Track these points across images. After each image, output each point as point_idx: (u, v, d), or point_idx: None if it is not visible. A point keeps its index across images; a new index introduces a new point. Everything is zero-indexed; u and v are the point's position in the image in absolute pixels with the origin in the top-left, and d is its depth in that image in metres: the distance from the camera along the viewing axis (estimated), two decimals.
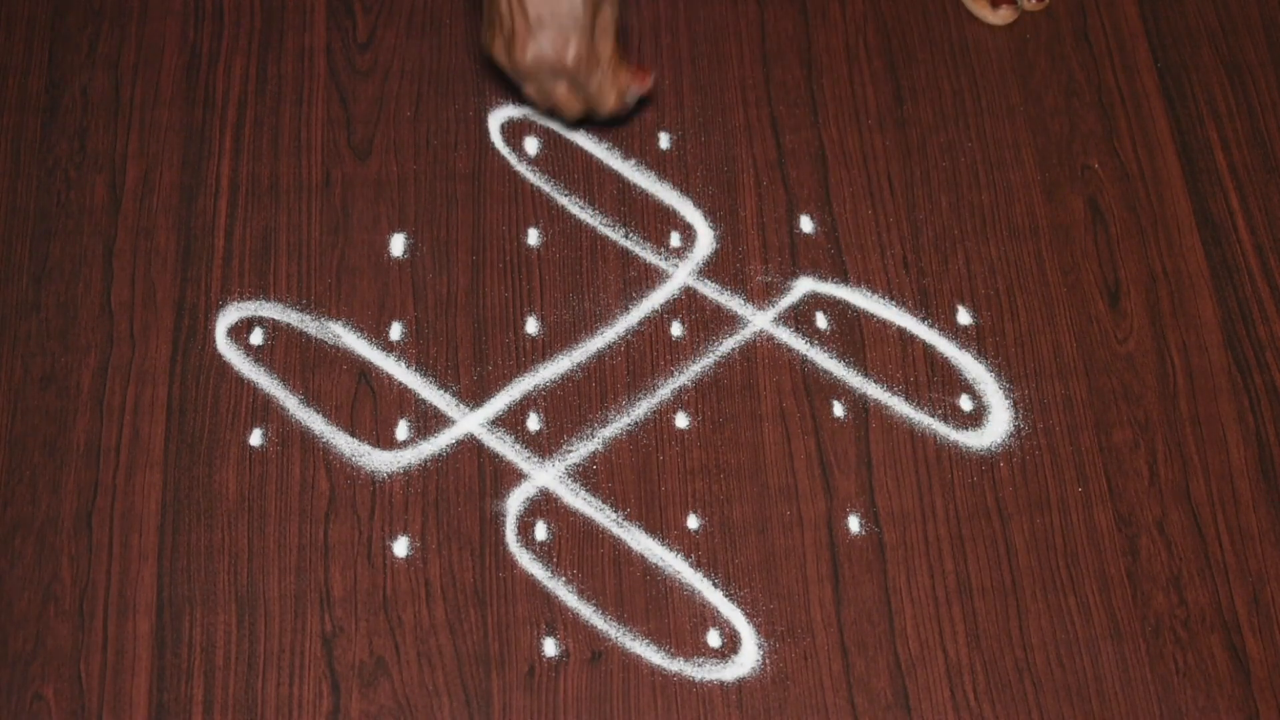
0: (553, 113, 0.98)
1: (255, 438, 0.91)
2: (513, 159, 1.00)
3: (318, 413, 0.92)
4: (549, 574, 0.88)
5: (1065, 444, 0.92)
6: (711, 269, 0.97)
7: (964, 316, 0.96)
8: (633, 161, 1.00)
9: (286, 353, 0.93)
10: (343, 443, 0.91)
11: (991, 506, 0.90)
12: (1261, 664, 0.86)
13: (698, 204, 0.99)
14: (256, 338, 0.94)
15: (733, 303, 0.96)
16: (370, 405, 0.92)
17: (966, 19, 1.06)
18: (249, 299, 0.95)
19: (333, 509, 0.89)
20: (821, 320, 0.95)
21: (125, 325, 0.94)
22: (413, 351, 0.94)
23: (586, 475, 0.90)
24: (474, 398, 0.93)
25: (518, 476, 0.90)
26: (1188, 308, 0.96)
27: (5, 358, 0.93)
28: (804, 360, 0.94)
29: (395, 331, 0.94)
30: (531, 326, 0.95)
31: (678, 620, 0.87)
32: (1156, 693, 0.85)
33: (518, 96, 1.01)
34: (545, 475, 0.90)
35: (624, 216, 0.98)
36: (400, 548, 0.88)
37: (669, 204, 0.99)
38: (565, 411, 0.92)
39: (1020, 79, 1.04)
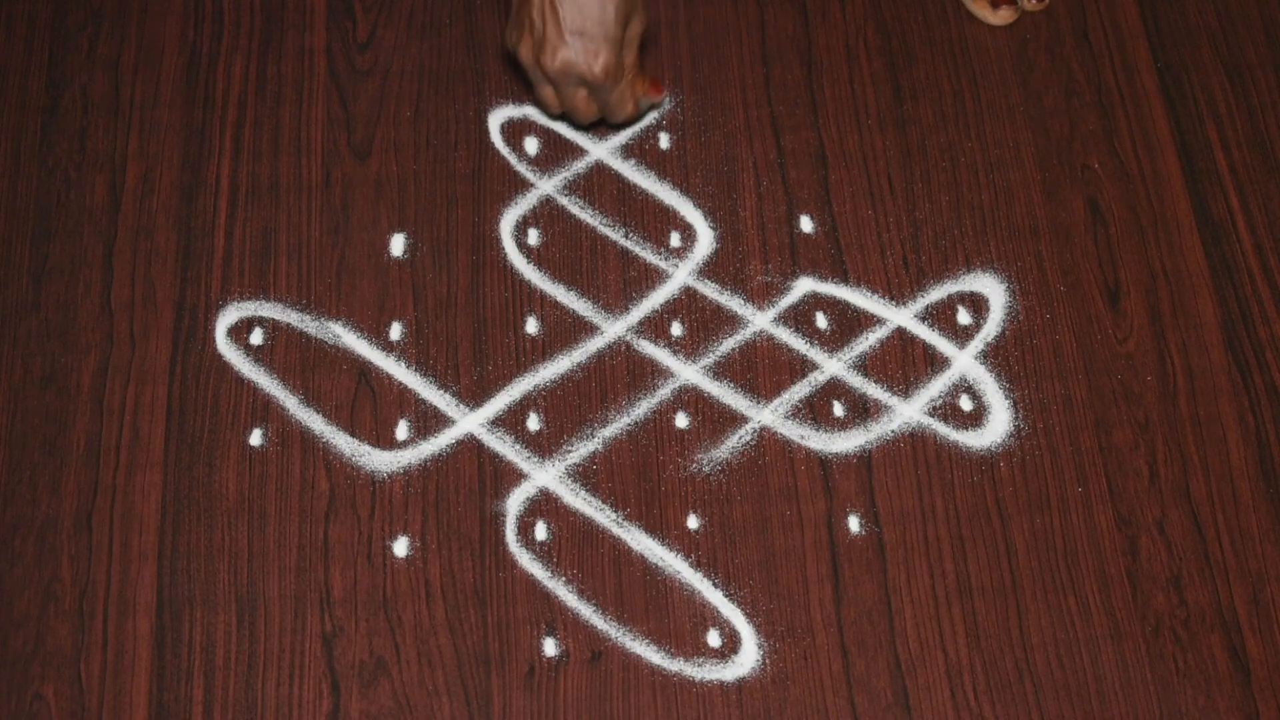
0: (564, 116, 0.98)
1: (255, 438, 0.91)
2: (513, 159, 1.00)
3: (318, 413, 0.92)
4: (549, 574, 0.88)
5: (1065, 444, 0.92)
6: (711, 269, 0.97)
7: (964, 316, 0.96)
8: (633, 161, 1.00)
9: (286, 353, 0.93)
10: (343, 443, 0.91)
11: (991, 506, 0.90)
12: (1261, 664, 0.86)
13: (698, 204, 0.99)
14: (256, 338, 0.94)
15: (733, 303, 0.96)
16: (370, 405, 0.92)
17: (966, 19, 1.06)
18: (249, 299, 0.95)
19: (333, 509, 0.89)
20: (821, 320, 0.95)
21: (125, 325, 0.94)
22: (413, 351, 0.94)
23: (586, 475, 0.90)
24: (474, 398, 0.92)
25: (518, 476, 0.90)
26: (1188, 308, 0.96)
27: (5, 358, 0.93)
28: (804, 360, 0.94)
29: (395, 331, 0.94)
30: (531, 326, 0.95)
31: (678, 620, 0.87)
32: (1156, 693, 0.85)
33: (521, 95, 1.01)
34: (545, 475, 0.90)
35: (624, 216, 0.98)
36: (400, 548, 0.88)
37: (669, 204, 0.99)
38: (565, 411, 0.92)
39: (1020, 79, 1.04)
